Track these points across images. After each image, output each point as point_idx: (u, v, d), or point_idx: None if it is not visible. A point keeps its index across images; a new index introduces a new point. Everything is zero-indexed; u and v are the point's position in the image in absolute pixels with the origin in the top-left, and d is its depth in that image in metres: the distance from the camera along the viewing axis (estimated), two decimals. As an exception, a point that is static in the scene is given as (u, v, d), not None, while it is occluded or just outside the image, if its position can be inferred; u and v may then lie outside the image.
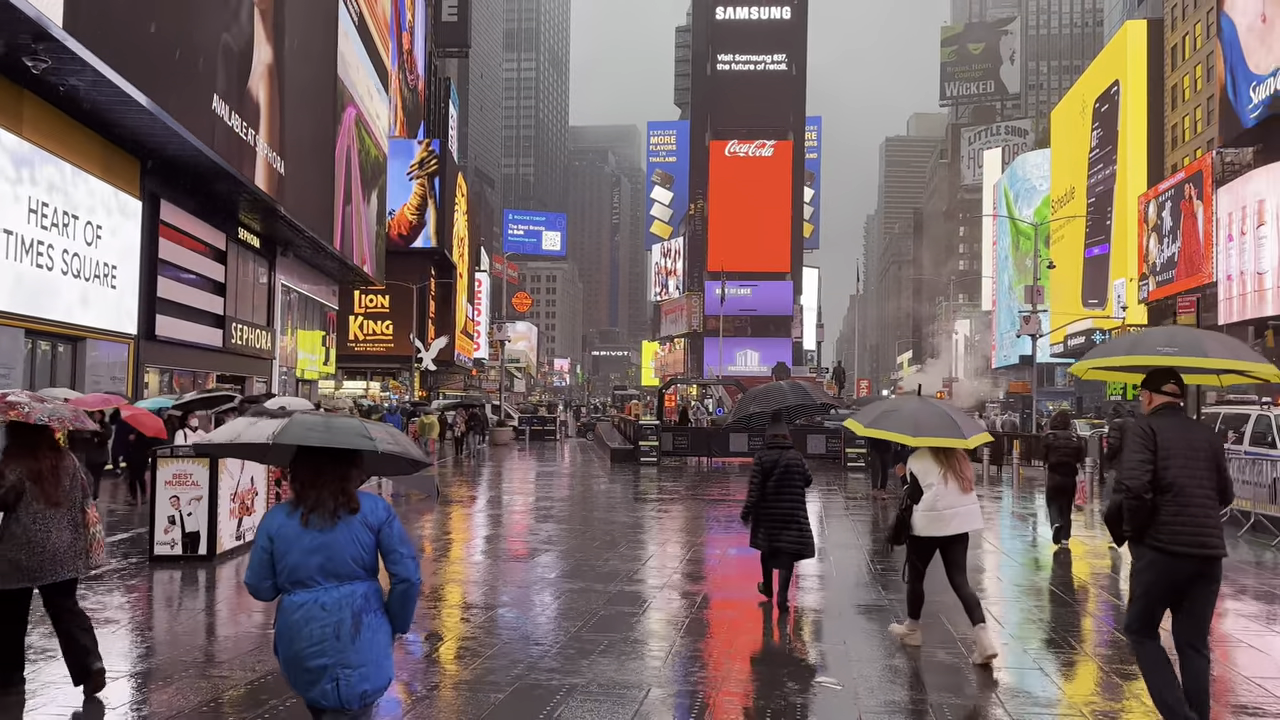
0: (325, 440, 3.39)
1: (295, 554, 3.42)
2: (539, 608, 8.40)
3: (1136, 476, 4.69)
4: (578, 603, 8.49)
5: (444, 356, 51.40)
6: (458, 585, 9.54)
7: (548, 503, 17.06)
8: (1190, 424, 4.97)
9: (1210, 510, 4.75)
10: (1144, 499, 4.68)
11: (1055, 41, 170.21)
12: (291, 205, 27.10)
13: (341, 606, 3.41)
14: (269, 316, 31.11)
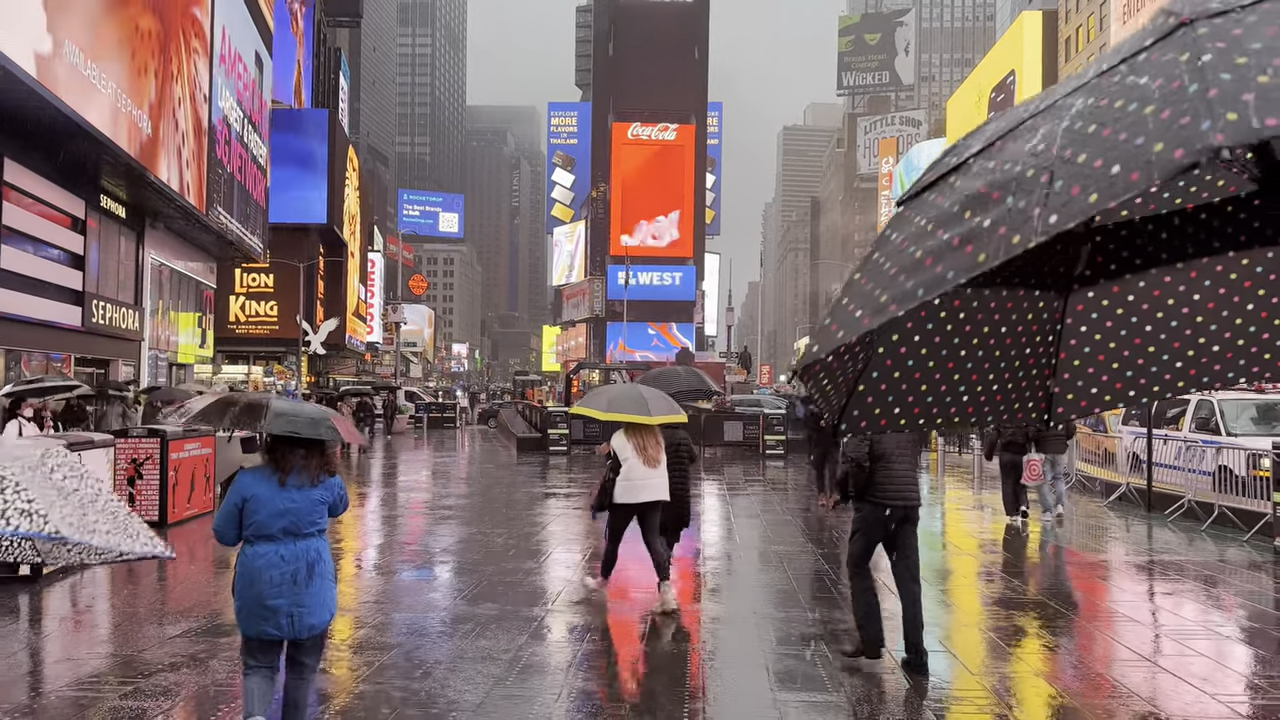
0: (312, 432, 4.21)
1: (264, 513, 4.15)
2: (441, 649, 6.94)
3: (857, 450, 6.03)
4: (494, 643, 7.06)
5: (334, 340, 48.69)
6: (344, 616, 7.97)
7: (453, 501, 15.47)
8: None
9: (909, 473, 6.14)
10: (863, 467, 6.05)
11: (948, 34, 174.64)
12: (162, 170, 24.55)
13: (299, 558, 4.14)
14: (137, 294, 28.36)
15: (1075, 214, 1.04)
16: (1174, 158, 0.97)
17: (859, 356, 1.84)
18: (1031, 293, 1.99)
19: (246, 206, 34.34)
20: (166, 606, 7.85)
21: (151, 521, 11.22)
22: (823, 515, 13.47)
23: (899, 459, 6.05)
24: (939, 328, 1.89)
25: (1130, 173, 0.99)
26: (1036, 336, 2.02)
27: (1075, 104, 1.21)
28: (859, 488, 6.09)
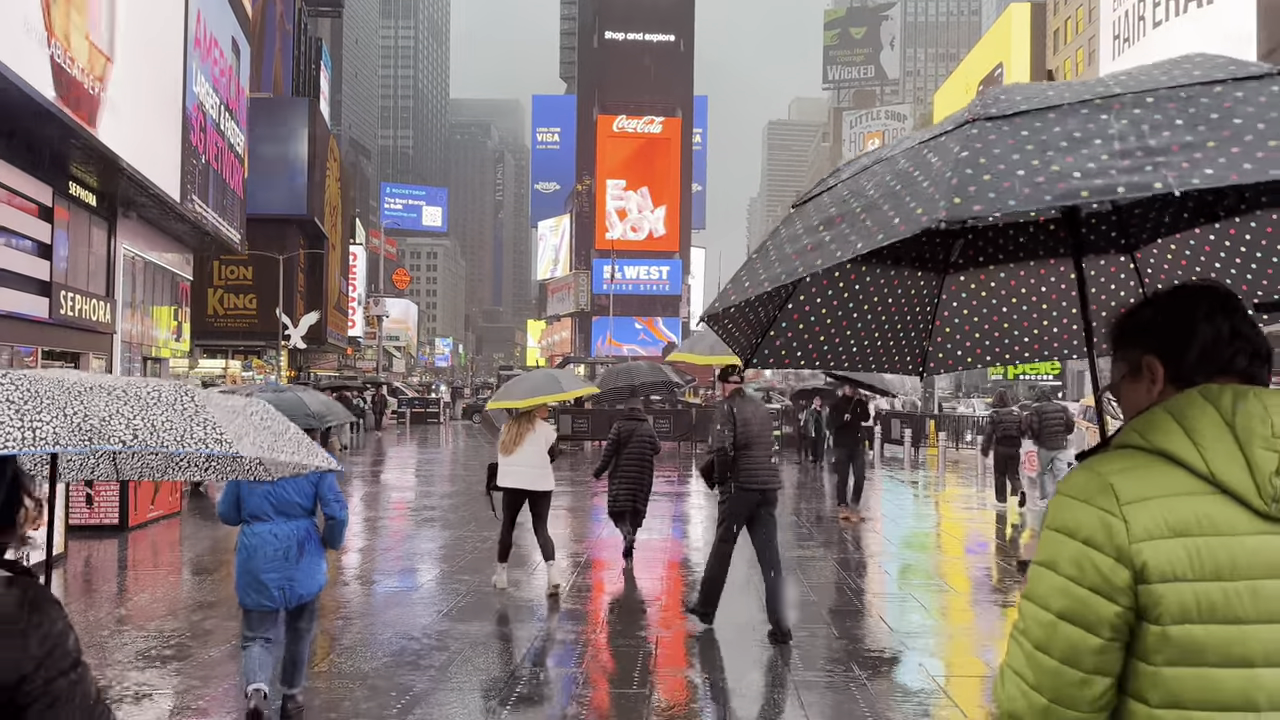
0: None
1: (255, 498, 4.78)
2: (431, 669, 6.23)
3: (724, 439, 6.55)
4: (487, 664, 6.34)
5: (315, 334, 47.75)
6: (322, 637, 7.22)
7: (435, 501, 14.70)
8: (755, 403, 6.84)
9: (769, 459, 6.70)
10: (728, 454, 6.55)
11: (933, 28, 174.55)
12: (135, 157, 23.61)
13: (289, 536, 4.75)
14: (109, 285, 27.40)
15: (870, 245, 1.49)
16: (920, 220, 1.39)
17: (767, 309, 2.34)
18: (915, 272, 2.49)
19: (224, 197, 33.38)
20: (128, 615, 7.07)
21: (110, 525, 10.42)
22: (842, 525, 12.80)
23: (759, 447, 6.64)
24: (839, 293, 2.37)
25: (900, 224, 1.44)
26: (918, 307, 2.52)
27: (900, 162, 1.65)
28: (724, 474, 6.67)
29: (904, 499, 15.40)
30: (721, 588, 6.82)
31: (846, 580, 8.75)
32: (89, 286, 25.69)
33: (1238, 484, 1.32)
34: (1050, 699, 1.37)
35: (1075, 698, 1.36)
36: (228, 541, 10.24)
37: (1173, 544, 1.32)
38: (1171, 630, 1.32)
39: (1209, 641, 1.31)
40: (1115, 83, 1.55)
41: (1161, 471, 1.36)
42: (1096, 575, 1.35)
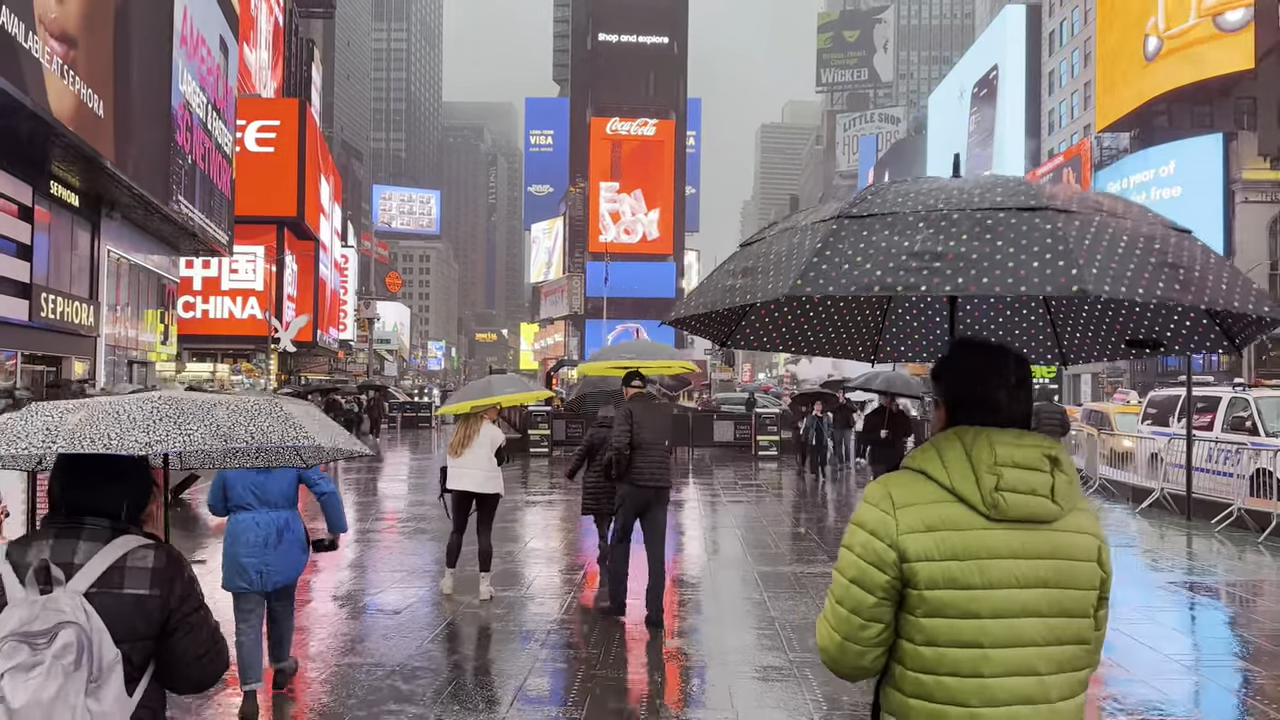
0: None
1: (239, 488, 5.13)
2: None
3: (620, 439, 7.00)
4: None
5: (305, 337, 47.12)
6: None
7: (426, 510, 14.18)
8: (653, 406, 7.36)
9: (663, 459, 7.15)
10: (624, 454, 6.99)
11: (926, 31, 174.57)
12: (118, 157, 23.04)
13: (270, 524, 5.07)
14: (92, 287, 26.81)
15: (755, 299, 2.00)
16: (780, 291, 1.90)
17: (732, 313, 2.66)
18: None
19: (210, 197, 32.81)
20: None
21: (80, 539, 9.87)
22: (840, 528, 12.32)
23: (654, 448, 7.10)
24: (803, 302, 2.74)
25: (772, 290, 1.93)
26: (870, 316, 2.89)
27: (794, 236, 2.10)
28: (620, 472, 7.08)
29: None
30: (625, 582, 7.33)
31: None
32: (71, 289, 25.10)
33: (969, 495, 1.89)
34: (843, 637, 1.94)
35: (859, 637, 1.93)
36: (206, 553, 9.73)
37: (925, 535, 1.88)
38: (925, 593, 1.87)
39: (950, 601, 1.86)
40: (942, 196, 1.99)
41: (923, 485, 1.93)
42: (875, 555, 1.90)
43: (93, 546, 2.04)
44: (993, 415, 1.95)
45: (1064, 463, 1.93)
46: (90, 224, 26.66)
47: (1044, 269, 1.76)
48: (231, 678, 5.42)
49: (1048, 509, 1.88)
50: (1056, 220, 1.86)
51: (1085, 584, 1.91)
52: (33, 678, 1.86)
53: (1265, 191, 44.33)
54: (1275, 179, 44.38)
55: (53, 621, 1.91)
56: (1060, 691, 1.88)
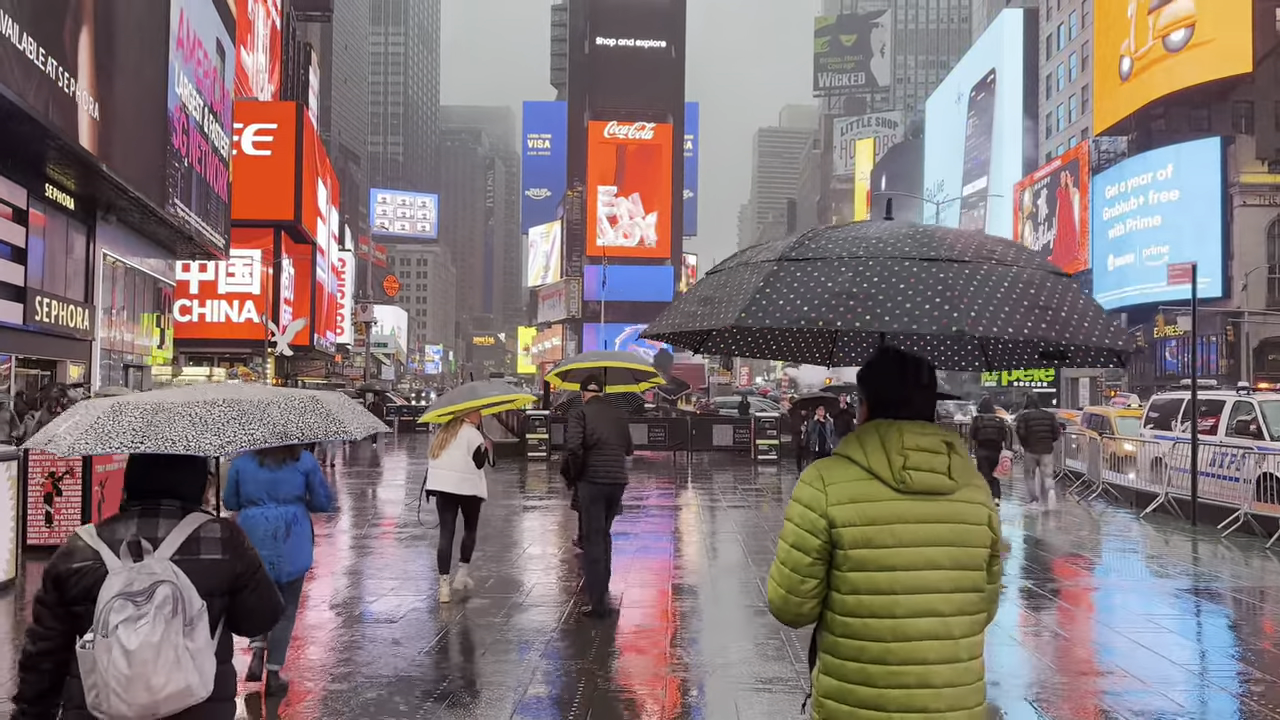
0: None
1: (250, 484, 5.51)
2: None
3: (574, 440, 7.45)
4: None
5: (302, 340, 46.94)
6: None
7: (424, 517, 14.03)
8: (607, 408, 7.73)
9: (618, 457, 7.60)
10: (578, 453, 7.47)
11: (923, 36, 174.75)
12: (115, 160, 22.88)
13: (280, 519, 5.43)
14: (87, 291, 26.64)
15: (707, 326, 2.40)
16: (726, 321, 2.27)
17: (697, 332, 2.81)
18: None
19: (207, 201, 32.65)
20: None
21: (71, 546, 9.73)
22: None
23: (609, 447, 7.48)
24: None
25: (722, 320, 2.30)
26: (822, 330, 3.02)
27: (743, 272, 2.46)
28: (578, 471, 7.48)
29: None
30: (606, 578, 7.59)
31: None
32: (66, 292, 24.94)
33: (883, 473, 2.31)
34: (786, 590, 2.35)
35: (799, 590, 2.34)
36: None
37: (849, 506, 2.29)
38: (849, 552, 2.28)
39: (869, 558, 2.27)
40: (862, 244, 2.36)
41: (847, 467, 2.36)
42: (810, 523, 2.31)
43: (170, 523, 2.54)
44: (905, 410, 2.40)
45: (958, 448, 2.39)
46: (86, 227, 26.51)
47: (933, 310, 2.15)
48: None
49: (945, 484, 2.33)
50: (950, 269, 2.25)
51: (978, 543, 2.36)
52: (141, 625, 2.33)
53: (1263, 195, 44.30)
54: (1273, 182, 44.35)
55: (149, 582, 2.38)
56: (961, 630, 2.32)
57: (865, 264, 2.29)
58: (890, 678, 2.27)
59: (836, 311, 2.19)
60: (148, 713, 2.37)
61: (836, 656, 2.34)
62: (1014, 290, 2.24)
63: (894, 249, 2.32)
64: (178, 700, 2.39)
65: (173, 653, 2.36)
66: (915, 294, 2.19)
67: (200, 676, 2.42)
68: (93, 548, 2.46)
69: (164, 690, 2.35)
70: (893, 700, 2.26)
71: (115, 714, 2.35)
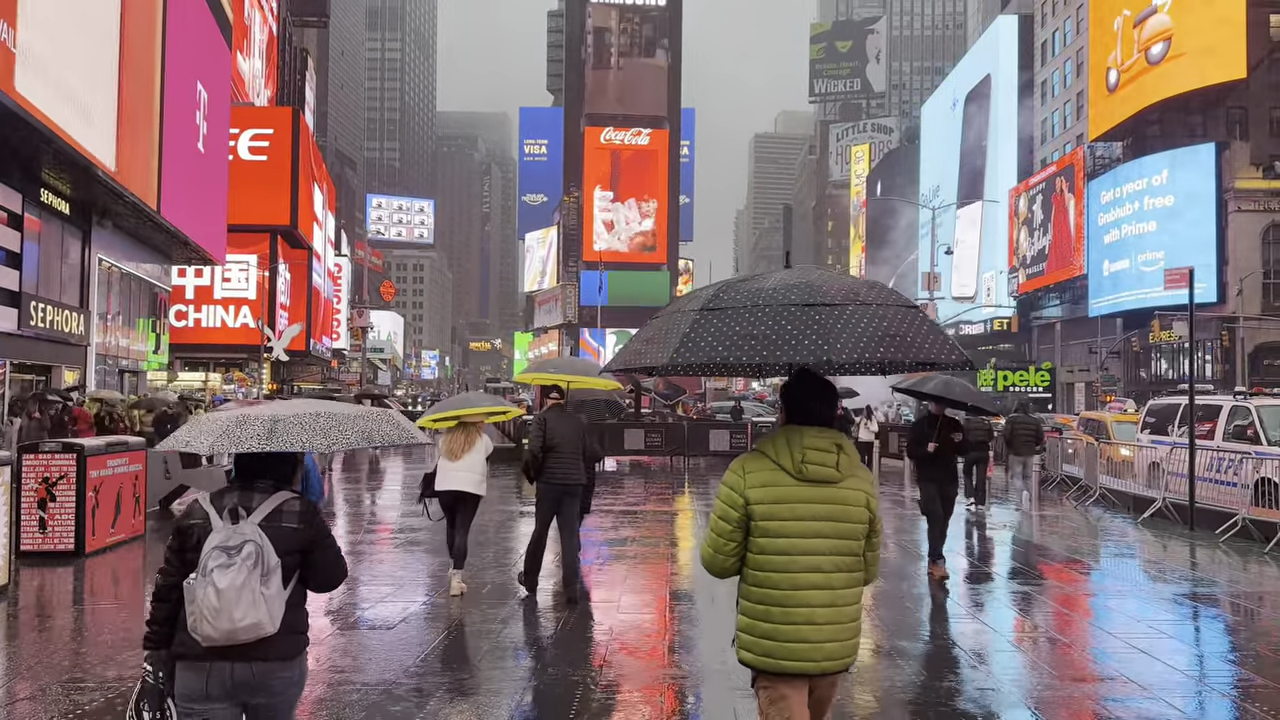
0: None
1: None
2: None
3: (534, 443, 8.17)
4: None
5: (298, 346, 46.87)
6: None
7: (419, 523, 13.98)
8: (565, 416, 8.38)
9: (574, 461, 8.23)
10: (538, 456, 8.16)
11: (918, 42, 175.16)
12: (110, 164, 22.82)
13: None
14: (83, 296, 26.59)
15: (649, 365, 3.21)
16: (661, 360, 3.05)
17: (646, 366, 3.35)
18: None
19: (203, 206, 32.57)
20: (75, 663, 6.36)
21: (65, 551, 9.66)
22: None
23: (565, 451, 8.17)
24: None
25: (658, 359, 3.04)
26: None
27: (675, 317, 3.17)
28: (536, 472, 8.22)
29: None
30: (539, 562, 8.43)
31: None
32: (62, 297, 24.90)
33: (787, 465, 3.05)
34: (714, 550, 3.12)
35: (724, 550, 3.10)
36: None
37: (760, 489, 3.05)
38: (759, 523, 3.05)
39: (773, 527, 3.04)
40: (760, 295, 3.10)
41: (762, 460, 3.09)
42: (733, 501, 3.07)
43: (262, 497, 3.25)
44: (810, 418, 3.16)
45: (846, 447, 3.14)
46: (81, 232, 26.46)
47: (810, 345, 2.93)
48: None
49: (833, 475, 3.10)
50: (823, 312, 3.01)
51: (856, 520, 3.14)
52: (229, 571, 3.04)
53: (1258, 200, 44.41)
54: (1267, 188, 44.47)
55: (240, 540, 3.10)
56: (840, 583, 3.12)
57: (763, 311, 3.04)
58: (785, 616, 3.09)
59: (743, 350, 2.97)
60: (229, 638, 3.06)
61: (749, 600, 3.16)
62: (870, 324, 3.00)
63: (783, 298, 3.07)
64: (251, 631, 3.07)
65: (250, 595, 3.06)
66: (798, 333, 2.95)
67: (270, 617, 3.10)
68: (205, 510, 3.23)
69: (241, 622, 3.04)
70: (785, 633, 3.08)
71: (205, 636, 3.07)
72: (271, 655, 3.17)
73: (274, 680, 3.20)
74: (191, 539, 3.21)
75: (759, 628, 3.11)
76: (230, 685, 3.15)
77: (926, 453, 9.58)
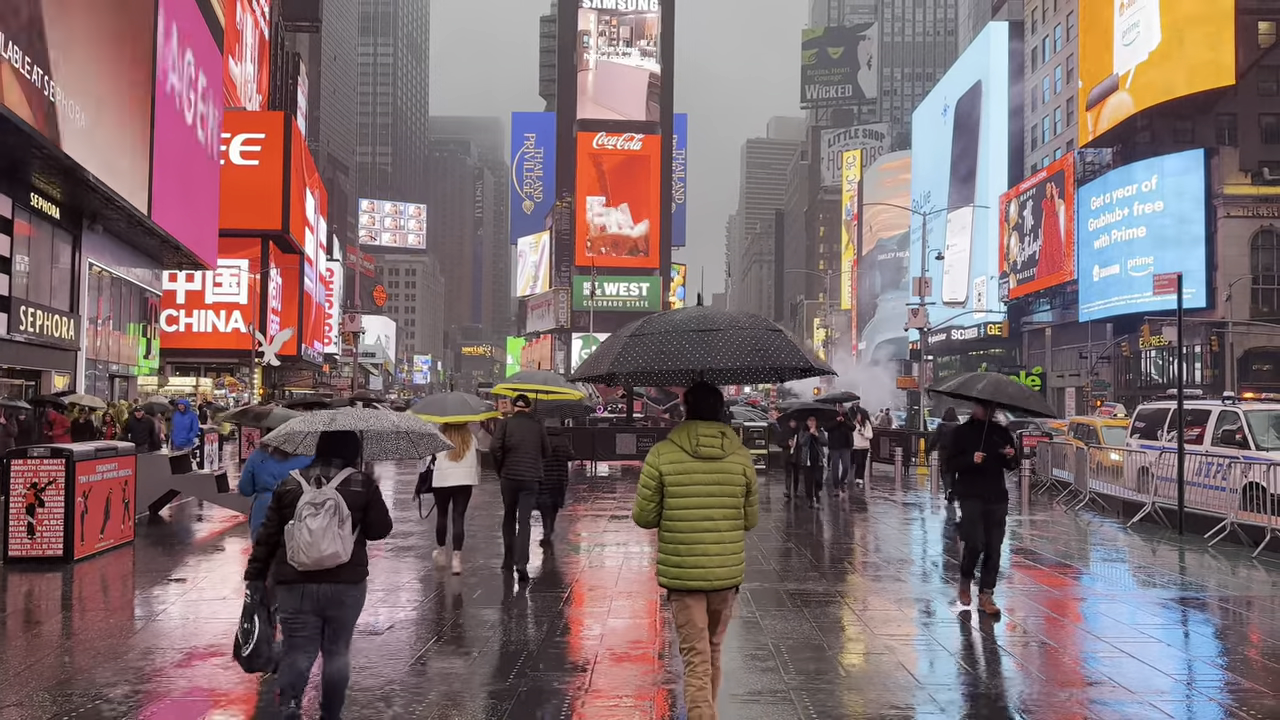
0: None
1: (264, 476, 7.40)
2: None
3: (495, 444, 9.72)
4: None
5: (289, 351, 46.73)
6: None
7: (410, 528, 13.95)
8: (525, 422, 9.83)
9: (531, 461, 9.70)
10: (496, 454, 9.72)
11: (909, 49, 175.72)
12: (100, 169, 22.75)
13: None
14: (73, 300, 26.49)
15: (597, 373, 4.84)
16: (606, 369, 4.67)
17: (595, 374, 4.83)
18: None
19: (196, 210, 32.48)
20: (62, 669, 6.33)
21: (54, 557, 9.62)
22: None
23: (523, 450, 9.63)
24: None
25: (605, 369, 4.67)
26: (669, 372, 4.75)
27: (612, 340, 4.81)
28: (498, 467, 9.68)
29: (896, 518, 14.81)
30: (513, 547, 9.66)
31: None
32: (52, 302, 24.80)
33: (686, 447, 4.41)
34: (639, 510, 4.48)
35: (645, 508, 4.46)
36: (186, 570, 9.50)
37: (669, 464, 4.40)
38: (670, 488, 4.41)
39: (678, 492, 4.39)
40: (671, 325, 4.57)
41: (670, 445, 4.45)
42: (650, 473, 4.43)
43: (336, 470, 4.70)
44: (704, 414, 4.50)
45: (728, 434, 4.46)
46: (71, 236, 26.37)
47: (696, 359, 4.36)
48: None
49: (718, 453, 4.41)
50: (710, 335, 4.41)
51: (737, 484, 4.44)
52: (317, 518, 4.46)
53: (1247, 206, 44.66)
54: (1256, 194, 44.72)
55: (323, 498, 4.52)
56: (726, 528, 4.43)
57: (671, 335, 4.50)
58: (688, 551, 4.42)
59: (659, 362, 4.43)
60: (317, 564, 4.53)
61: (664, 542, 4.48)
62: (741, 342, 4.44)
63: (683, 327, 4.53)
64: (332, 560, 4.55)
65: (332, 534, 4.51)
66: (691, 350, 4.40)
67: (344, 549, 4.58)
68: (297, 480, 4.69)
69: (326, 552, 4.51)
70: (688, 563, 4.41)
71: (300, 563, 4.53)
72: (344, 579, 4.66)
73: (345, 597, 4.70)
74: (287, 499, 4.64)
75: (670, 559, 4.46)
76: (316, 601, 4.62)
77: (971, 464, 8.21)
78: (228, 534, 12.54)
